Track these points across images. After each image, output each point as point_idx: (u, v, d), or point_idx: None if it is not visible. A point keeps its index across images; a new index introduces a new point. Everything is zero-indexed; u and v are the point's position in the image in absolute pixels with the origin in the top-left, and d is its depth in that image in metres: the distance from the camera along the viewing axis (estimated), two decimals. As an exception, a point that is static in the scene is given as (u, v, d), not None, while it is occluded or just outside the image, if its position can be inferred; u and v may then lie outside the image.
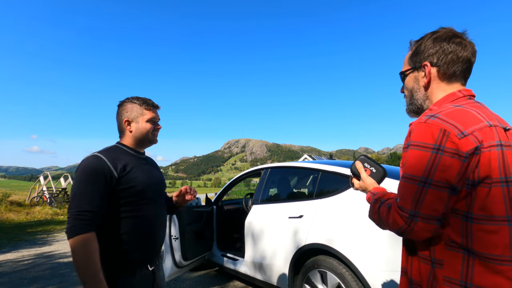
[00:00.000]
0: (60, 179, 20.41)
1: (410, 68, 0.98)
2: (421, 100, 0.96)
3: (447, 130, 0.77)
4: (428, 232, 0.79)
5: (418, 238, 0.81)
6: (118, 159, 1.28)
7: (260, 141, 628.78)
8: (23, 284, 3.83)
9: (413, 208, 0.78)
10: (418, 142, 0.80)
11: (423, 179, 0.78)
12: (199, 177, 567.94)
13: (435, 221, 0.78)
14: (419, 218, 0.78)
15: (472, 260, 0.77)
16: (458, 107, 0.83)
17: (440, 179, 0.76)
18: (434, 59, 0.91)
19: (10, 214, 11.55)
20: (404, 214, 0.80)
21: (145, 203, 1.31)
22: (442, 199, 0.77)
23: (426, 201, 0.77)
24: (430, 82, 0.93)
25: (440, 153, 0.76)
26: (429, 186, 0.77)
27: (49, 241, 6.82)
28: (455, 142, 0.75)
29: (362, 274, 2.03)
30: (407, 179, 0.81)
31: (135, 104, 1.38)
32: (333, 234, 2.28)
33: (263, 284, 3.01)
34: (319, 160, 3.39)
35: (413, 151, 0.81)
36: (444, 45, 0.90)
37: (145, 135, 1.40)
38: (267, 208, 3.08)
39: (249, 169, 3.90)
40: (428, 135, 0.78)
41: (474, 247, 0.77)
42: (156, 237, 1.36)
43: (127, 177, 1.26)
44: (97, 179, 1.18)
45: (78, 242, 1.09)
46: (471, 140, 0.75)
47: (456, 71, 0.90)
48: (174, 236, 3.08)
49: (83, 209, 1.13)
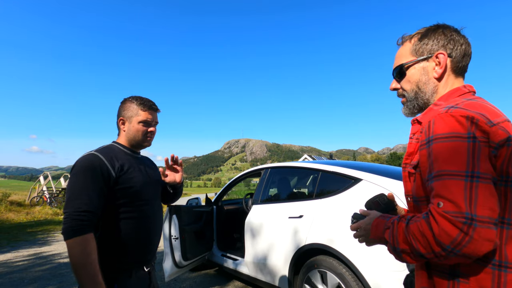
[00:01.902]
0: (60, 179, 20.40)
1: (418, 58, 0.88)
2: (430, 93, 0.87)
3: (475, 118, 0.67)
4: (490, 241, 0.62)
5: (477, 253, 0.63)
6: (115, 158, 1.26)
7: (260, 141, 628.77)
8: (23, 284, 3.83)
9: (468, 209, 0.62)
10: (447, 133, 0.68)
11: (469, 173, 0.64)
12: (199, 177, 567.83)
13: (494, 225, 0.63)
14: (477, 222, 0.62)
15: (504, 275, 0.66)
16: (472, 100, 0.75)
17: (486, 170, 0.65)
18: (448, 49, 0.84)
19: (10, 214, 11.54)
20: (458, 218, 0.62)
21: (141, 204, 1.30)
22: (494, 195, 0.65)
23: (480, 198, 0.63)
24: (444, 73, 0.85)
25: (477, 141, 0.66)
26: (478, 180, 0.64)
27: (49, 241, 6.82)
28: (486, 130, 0.67)
29: (362, 274, 2.03)
30: (447, 175, 0.66)
31: (133, 103, 1.36)
32: (333, 234, 2.28)
33: (263, 284, 3.01)
34: (319, 160, 3.39)
35: (443, 144, 0.68)
36: (455, 36, 0.85)
37: (135, 136, 1.37)
38: (267, 208, 3.08)
39: (249, 169, 3.90)
40: (456, 124, 0.68)
41: (510, 259, 0.66)
42: (153, 238, 1.35)
43: (124, 177, 1.25)
44: (95, 179, 1.16)
45: (76, 243, 1.07)
46: (501, 130, 0.68)
47: (465, 65, 0.86)
48: (174, 236, 3.08)
49: (81, 209, 1.10)
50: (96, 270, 1.08)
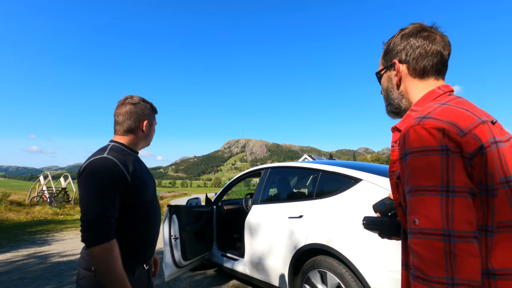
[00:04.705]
0: (60, 179, 20.42)
1: (383, 68, 0.95)
2: (397, 99, 0.92)
3: (446, 129, 0.67)
4: (474, 256, 0.62)
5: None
6: (127, 161, 1.25)
7: (260, 141, 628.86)
8: (23, 283, 3.83)
9: (445, 225, 0.62)
10: (420, 147, 0.68)
11: (444, 187, 0.64)
12: (199, 177, 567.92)
13: (474, 238, 0.62)
14: (456, 237, 0.61)
15: (494, 283, 0.66)
16: (444, 105, 0.75)
17: (461, 183, 0.65)
18: (403, 55, 0.88)
19: (10, 214, 11.55)
20: (434, 235, 0.63)
21: (147, 203, 1.31)
22: (471, 208, 0.64)
23: (456, 213, 0.63)
24: (401, 79, 0.90)
25: (450, 154, 0.66)
26: (454, 194, 0.64)
27: (48, 241, 6.83)
28: (458, 140, 0.66)
29: (362, 274, 2.03)
30: (421, 191, 0.66)
31: (147, 106, 1.40)
32: (333, 234, 2.28)
33: (263, 284, 3.01)
34: (319, 160, 3.39)
35: (417, 157, 0.68)
36: (411, 41, 0.87)
37: (149, 140, 1.45)
38: (267, 208, 3.08)
39: (249, 169, 3.90)
40: (428, 137, 0.68)
41: (495, 266, 0.66)
42: (155, 237, 1.38)
43: (136, 180, 1.24)
44: (113, 183, 1.14)
45: (103, 250, 1.06)
46: (473, 139, 0.67)
47: (427, 66, 0.86)
48: (174, 236, 3.08)
49: (104, 215, 1.09)
50: (124, 274, 1.10)
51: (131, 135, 1.35)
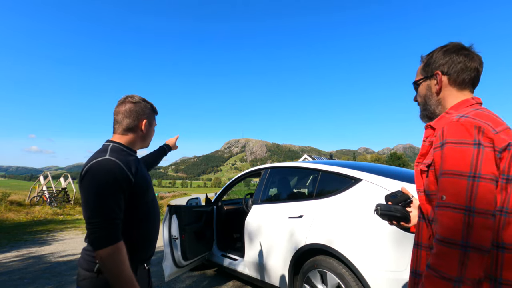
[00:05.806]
0: (60, 179, 20.41)
1: (423, 77, 1.09)
2: (434, 105, 1.06)
3: (481, 127, 0.82)
4: (488, 229, 0.77)
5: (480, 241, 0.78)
6: (129, 162, 1.24)
7: (260, 141, 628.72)
8: (23, 283, 3.83)
9: (467, 202, 0.78)
10: (456, 139, 0.83)
11: (471, 173, 0.79)
12: (199, 177, 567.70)
13: (491, 215, 0.78)
14: (476, 213, 0.77)
15: (502, 255, 0.80)
16: (479, 110, 0.90)
17: (487, 171, 0.79)
18: (445, 68, 1.02)
19: (10, 214, 11.55)
20: (457, 210, 0.78)
21: (148, 203, 1.31)
22: (492, 192, 0.79)
23: (479, 195, 0.77)
24: (441, 88, 1.03)
25: (482, 147, 0.80)
26: (479, 180, 0.78)
27: (48, 241, 6.82)
28: (491, 137, 0.82)
29: (362, 274, 2.03)
30: (453, 174, 0.81)
31: (148, 106, 1.38)
32: (333, 234, 2.28)
33: (263, 284, 3.01)
34: (319, 160, 3.39)
35: (453, 148, 0.83)
36: (453, 56, 1.01)
37: (148, 140, 1.43)
38: (267, 208, 3.08)
39: (249, 169, 3.90)
40: (464, 132, 0.83)
41: (505, 241, 0.80)
42: (155, 236, 1.38)
43: (138, 181, 1.24)
44: (118, 185, 1.14)
45: (112, 252, 1.07)
46: (502, 137, 0.83)
47: (466, 79, 1.00)
48: (174, 236, 3.08)
49: (112, 217, 1.10)
50: (132, 275, 1.11)
51: (130, 134, 1.33)
